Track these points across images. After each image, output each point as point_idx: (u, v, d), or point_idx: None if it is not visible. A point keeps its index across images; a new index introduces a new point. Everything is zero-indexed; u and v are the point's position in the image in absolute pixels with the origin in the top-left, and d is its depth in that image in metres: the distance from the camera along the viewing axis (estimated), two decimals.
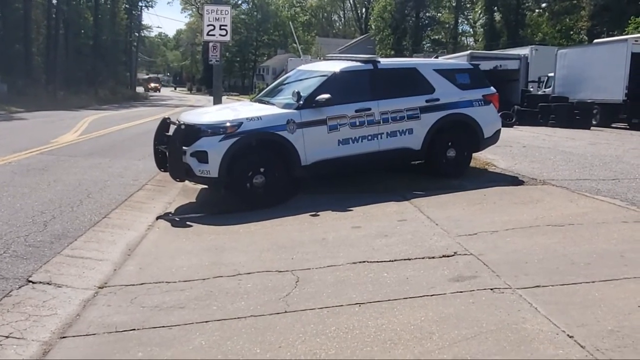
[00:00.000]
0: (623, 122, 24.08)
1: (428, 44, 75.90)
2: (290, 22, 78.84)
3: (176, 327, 4.34)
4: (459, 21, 79.64)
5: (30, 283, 5.29)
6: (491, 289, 4.78)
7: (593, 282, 4.89)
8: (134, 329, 4.32)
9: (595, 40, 30.83)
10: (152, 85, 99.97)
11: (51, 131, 18.59)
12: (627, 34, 32.06)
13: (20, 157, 12.32)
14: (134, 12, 73.10)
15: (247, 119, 8.52)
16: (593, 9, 49.16)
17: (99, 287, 5.32)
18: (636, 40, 23.60)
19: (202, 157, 8.28)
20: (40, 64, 46.60)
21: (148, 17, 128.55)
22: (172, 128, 9.02)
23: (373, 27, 79.26)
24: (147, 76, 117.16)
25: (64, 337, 4.26)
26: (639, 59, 22.32)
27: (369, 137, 9.22)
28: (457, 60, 24.87)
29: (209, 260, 6.04)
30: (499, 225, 6.87)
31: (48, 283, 5.33)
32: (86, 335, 4.28)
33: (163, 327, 4.35)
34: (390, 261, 5.66)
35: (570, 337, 3.88)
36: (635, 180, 9.92)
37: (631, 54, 22.48)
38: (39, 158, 12.39)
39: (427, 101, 9.67)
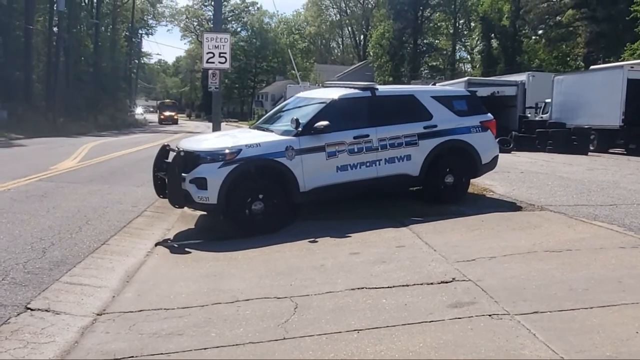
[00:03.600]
0: (620, 147, 24.15)
1: (426, 71, 76.42)
2: (289, 49, 79.17)
3: (174, 354, 4.34)
4: (457, 48, 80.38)
5: (29, 310, 5.29)
6: (489, 315, 4.78)
7: (591, 308, 4.90)
8: (133, 356, 4.32)
9: (592, 67, 31.04)
10: (167, 114, 74.36)
11: (50, 158, 18.64)
12: (623, 61, 32.32)
13: (20, 184, 12.34)
14: (133, 39, 73.80)
15: (246, 145, 8.57)
16: (589, 35, 49.56)
17: (98, 314, 5.32)
18: (632, 67, 23.79)
19: (201, 183, 8.31)
20: (40, 90, 46.78)
21: (148, 45, 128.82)
22: (172, 155, 9.06)
23: (371, 53, 79.89)
24: (156, 101, 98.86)
25: None
26: (635, 85, 22.45)
27: (367, 164, 9.26)
28: (454, 86, 25.14)
29: (208, 286, 6.05)
30: (497, 251, 6.88)
31: (46, 310, 5.33)
32: None
33: (161, 354, 4.35)
34: (388, 287, 5.67)
35: None
36: (633, 205, 9.95)
37: (627, 80, 22.61)
38: (38, 185, 12.41)
39: (425, 128, 9.73)
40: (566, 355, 3.99)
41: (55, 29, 48.69)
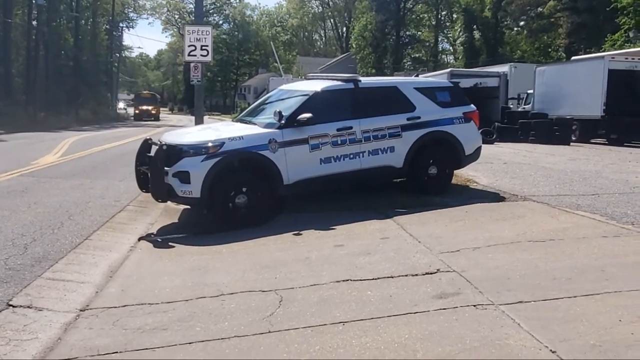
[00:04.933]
0: (602, 137, 24.32)
1: (409, 62, 76.56)
2: (271, 42, 78.90)
3: (159, 349, 4.30)
4: (439, 39, 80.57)
5: (11, 307, 5.23)
6: (474, 306, 4.80)
7: (574, 297, 4.93)
8: (117, 352, 4.28)
9: (573, 58, 31.24)
10: (144, 108, 62.14)
11: (31, 153, 18.45)
12: (604, 51, 32.55)
13: (0, 179, 12.20)
14: (114, 33, 73.02)
15: (229, 138, 8.53)
16: (570, 26, 49.92)
17: (81, 310, 5.26)
18: (613, 57, 23.98)
19: (184, 177, 8.25)
20: (20, 85, 46.34)
21: (129, 38, 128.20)
22: (154, 149, 8.99)
23: (354, 45, 79.85)
24: (132, 95, 79.86)
25: None
26: (616, 75, 22.62)
27: (351, 156, 9.25)
28: (437, 78, 25.18)
29: (192, 280, 6.01)
30: (481, 241, 6.90)
31: (29, 307, 5.27)
32: (68, 359, 4.23)
33: (146, 349, 4.31)
34: (373, 279, 5.67)
35: (553, 352, 3.90)
36: (615, 195, 10.02)
37: (608, 71, 22.77)
38: (19, 180, 12.28)
39: (408, 119, 9.74)
40: (551, 344, 4.01)
41: (34, 22, 48.22)
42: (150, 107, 62.79)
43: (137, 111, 62.92)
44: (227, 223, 8.38)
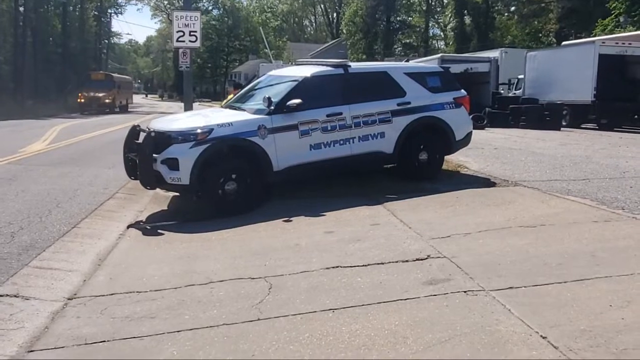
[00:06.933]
0: (592, 122, 24.38)
1: (399, 48, 76.31)
2: (261, 28, 78.45)
3: (147, 337, 4.26)
4: (430, 25, 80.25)
5: None
6: (465, 292, 4.78)
7: (565, 282, 4.91)
8: (104, 341, 4.24)
9: (564, 43, 31.25)
10: (92, 95, 43.95)
11: (19, 140, 18.29)
12: (594, 36, 32.56)
13: None
14: (103, 19, 72.49)
15: (218, 125, 8.46)
16: (561, 11, 49.85)
17: (68, 299, 5.22)
18: (603, 42, 23.99)
19: (172, 164, 8.19)
20: (8, 72, 45.91)
21: (117, 24, 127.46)
22: (142, 135, 8.91)
23: (344, 31, 79.49)
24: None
25: (31, 351, 4.16)
26: (606, 60, 22.64)
27: (341, 142, 9.21)
28: (428, 63, 25.07)
29: (181, 268, 5.97)
30: (472, 227, 6.88)
31: (15, 296, 5.22)
32: (55, 348, 4.19)
33: (134, 337, 4.27)
34: (363, 266, 5.64)
35: (544, 337, 3.88)
36: (605, 180, 10.02)
37: (599, 56, 22.77)
38: (7, 168, 12.18)
39: (398, 105, 9.69)
40: (541, 329, 3.99)
41: (21, 8, 47.71)
42: (101, 94, 44.28)
43: (81, 100, 44.28)
44: (216, 210, 8.33)
